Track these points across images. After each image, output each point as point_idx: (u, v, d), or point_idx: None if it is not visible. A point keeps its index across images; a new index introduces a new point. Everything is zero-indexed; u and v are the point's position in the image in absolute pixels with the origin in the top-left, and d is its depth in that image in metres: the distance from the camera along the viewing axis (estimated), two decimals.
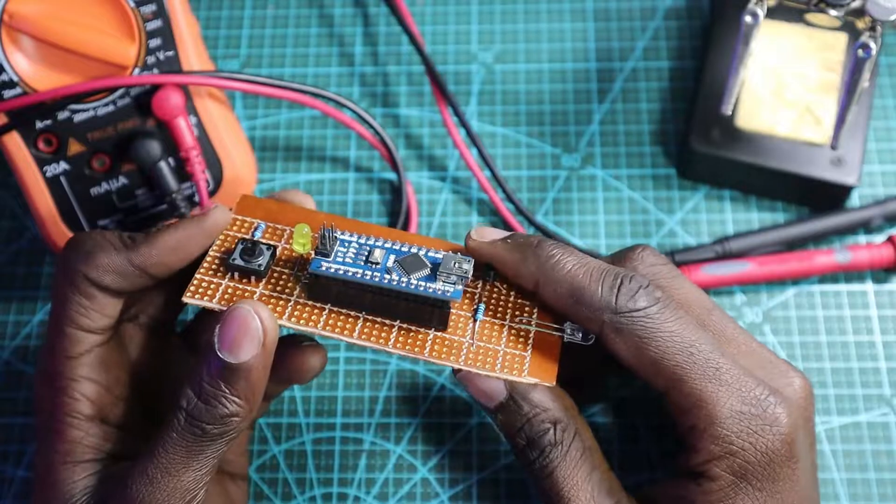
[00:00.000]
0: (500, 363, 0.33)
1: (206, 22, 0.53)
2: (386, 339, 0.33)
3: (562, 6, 0.53)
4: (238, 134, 0.46)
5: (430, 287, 0.32)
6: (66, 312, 0.34)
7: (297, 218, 0.36)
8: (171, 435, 0.31)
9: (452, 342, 0.33)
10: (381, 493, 0.42)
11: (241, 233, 0.35)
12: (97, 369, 0.34)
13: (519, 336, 0.34)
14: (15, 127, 0.41)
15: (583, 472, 0.32)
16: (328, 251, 0.33)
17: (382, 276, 0.32)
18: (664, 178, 0.49)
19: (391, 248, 0.34)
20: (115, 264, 0.33)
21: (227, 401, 0.31)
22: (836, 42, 0.47)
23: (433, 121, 0.51)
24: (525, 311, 0.34)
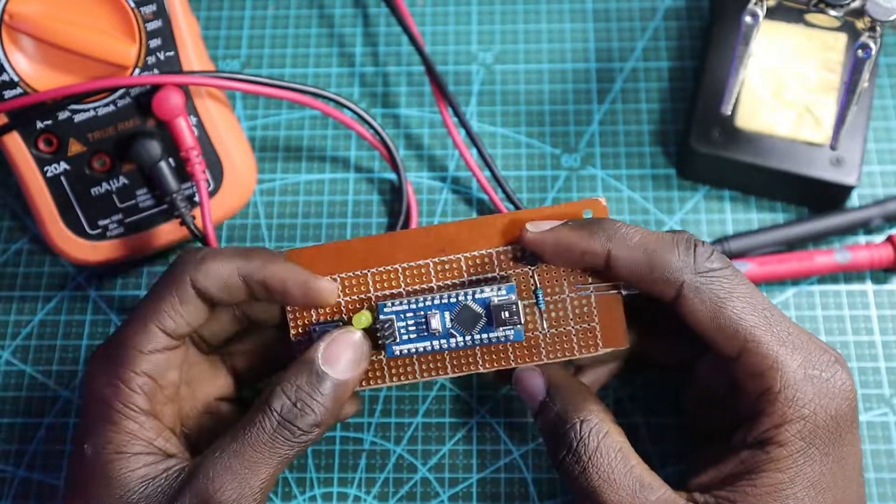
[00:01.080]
0: (576, 343, 0.35)
1: (206, 22, 0.53)
2: (475, 365, 0.36)
3: (562, 6, 0.53)
4: (238, 134, 0.46)
5: (493, 337, 0.35)
6: (158, 309, 0.35)
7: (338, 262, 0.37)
8: (259, 434, 0.33)
9: (529, 340, 0.36)
10: (381, 493, 0.42)
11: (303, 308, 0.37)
12: (160, 369, 0.35)
13: (584, 308, 0.36)
14: (15, 127, 0.41)
15: (620, 463, 0.33)
16: (392, 334, 0.35)
17: (448, 341, 0.35)
18: (664, 178, 0.49)
19: (441, 304, 0.35)
20: (225, 273, 0.35)
21: (319, 409, 0.34)
22: (835, 42, 0.48)
23: (433, 121, 0.51)
24: (579, 279, 0.36)
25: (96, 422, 0.35)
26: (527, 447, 0.43)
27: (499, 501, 0.42)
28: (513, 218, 0.36)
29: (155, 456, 0.34)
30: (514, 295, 0.35)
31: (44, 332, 0.46)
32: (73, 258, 0.44)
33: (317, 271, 0.37)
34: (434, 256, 0.36)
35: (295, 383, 0.34)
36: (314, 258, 0.37)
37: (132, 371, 0.35)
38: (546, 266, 0.36)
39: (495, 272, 0.36)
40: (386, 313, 0.35)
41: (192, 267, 0.35)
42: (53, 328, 0.46)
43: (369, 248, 0.37)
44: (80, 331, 0.46)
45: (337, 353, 0.35)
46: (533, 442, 0.43)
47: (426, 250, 0.36)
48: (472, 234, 0.36)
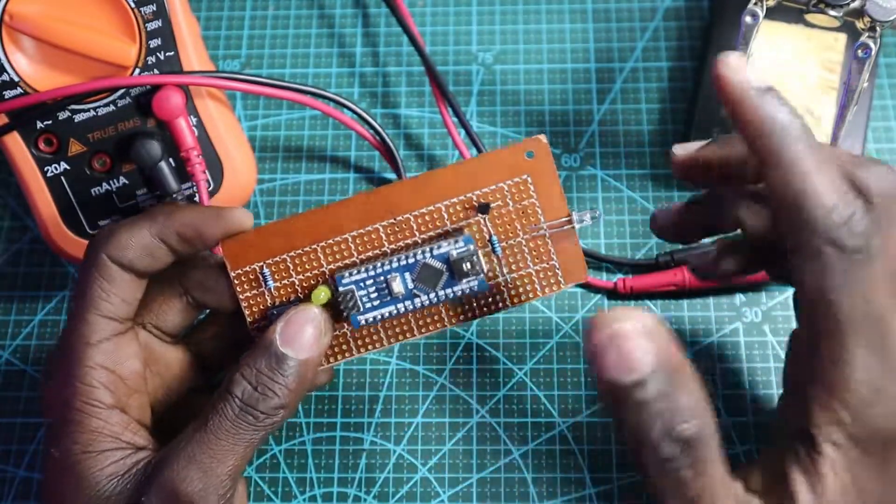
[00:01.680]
0: (539, 285, 0.36)
1: (206, 22, 0.53)
2: (441, 322, 0.36)
3: (561, 7, 0.53)
4: (238, 134, 0.46)
5: (457, 290, 0.34)
6: (88, 297, 0.35)
7: (284, 240, 0.36)
8: (222, 422, 0.33)
9: (493, 288, 0.36)
10: (381, 493, 0.42)
11: (254, 288, 0.36)
12: (114, 357, 0.35)
13: (539, 249, 0.36)
14: (15, 127, 0.41)
15: (723, 468, 0.30)
16: (355, 304, 0.35)
17: (413, 301, 0.35)
18: (664, 178, 0.49)
19: (400, 266, 0.34)
20: (136, 238, 0.35)
21: (281, 392, 0.33)
22: (835, 42, 0.48)
23: (433, 121, 0.51)
24: (530, 214, 0.35)
25: (60, 424, 0.34)
26: (527, 447, 0.43)
27: (499, 501, 0.42)
28: (455, 170, 0.35)
29: (123, 451, 0.34)
30: (472, 245, 0.34)
31: (44, 332, 0.46)
32: (74, 258, 0.44)
33: (261, 255, 0.36)
34: (382, 220, 0.35)
35: (254, 367, 0.33)
36: (255, 242, 0.36)
37: (86, 366, 0.34)
38: (497, 212, 0.35)
39: (447, 226, 0.35)
40: (345, 284, 0.35)
41: (103, 244, 0.35)
42: (53, 328, 0.46)
43: (312, 222, 0.36)
44: None
45: (295, 332, 0.34)
46: (533, 442, 0.43)
47: (372, 215, 0.35)
48: (416, 193, 0.35)
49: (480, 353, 0.45)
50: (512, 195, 0.35)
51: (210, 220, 0.35)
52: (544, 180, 0.35)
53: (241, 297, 0.37)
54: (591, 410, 0.44)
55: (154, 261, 0.35)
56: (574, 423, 0.43)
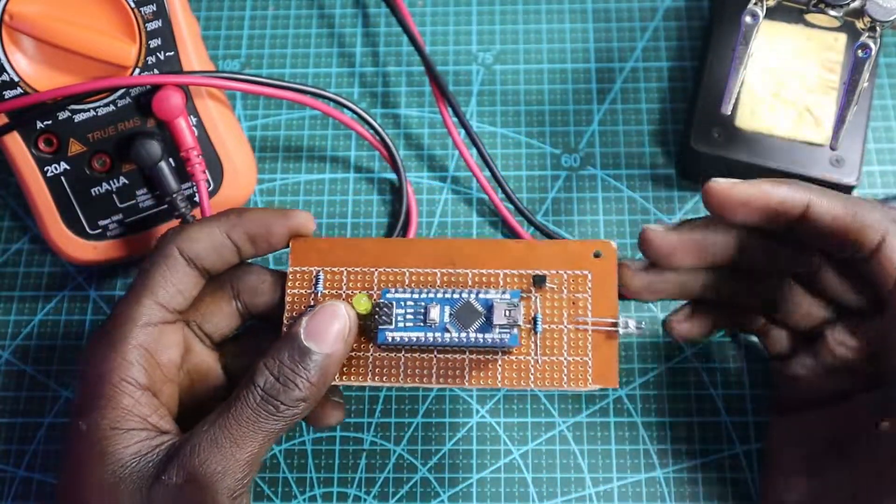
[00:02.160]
0: (566, 377, 0.35)
1: (206, 22, 0.53)
2: (461, 379, 0.36)
3: (561, 7, 0.53)
4: (238, 134, 0.46)
5: (488, 338, 0.34)
6: (148, 282, 0.36)
7: (348, 255, 0.37)
8: (244, 409, 0.33)
9: (520, 364, 0.35)
10: (381, 493, 0.42)
11: (304, 287, 0.37)
12: (157, 343, 0.36)
13: (579, 341, 0.35)
14: (15, 127, 0.41)
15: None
16: (388, 319, 0.35)
17: (443, 335, 0.35)
18: (664, 178, 0.49)
19: (444, 298, 0.35)
20: (206, 234, 0.36)
21: (303, 385, 0.34)
22: (835, 42, 0.48)
23: (433, 121, 0.51)
24: (580, 307, 0.36)
25: (92, 398, 0.35)
26: (527, 447, 0.43)
27: (499, 501, 0.42)
28: (527, 245, 0.37)
29: (149, 432, 0.34)
30: (517, 298, 0.35)
31: (44, 332, 0.46)
32: (73, 258, 0.44)
33: (322, 261, 0.37)
34: (443, 267, 0.37)
35: (278, 358, 0.34)
36: (321, 248, 0.37)
37: (129, 344, 0.35)
38: (549, 296, 0.36)
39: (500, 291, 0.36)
40: (387, 298, 0.35)
41: (176, 237, 0.36)
42: (53, 328, 0.46)
43: (380, 249, 0.37)
44: (80, 331, 0.46)
45: (320, 326, 0.34)
46: (533, 442, 0.43)
47: (436, 260, 0.37)
48: (483, 253, 0.37)
49: None
50: (569, 285, 0.36)
51: (277, 219, 0.37)
52: (603, 282, 0.36)
53: (288, 292, 0.37)
54: (590, 410, 0.44)
55: (219, 259, 0.37)
56: (574, 423, 0.43)
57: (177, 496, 0.33)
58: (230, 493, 0.33)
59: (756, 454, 0.42)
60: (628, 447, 0.43)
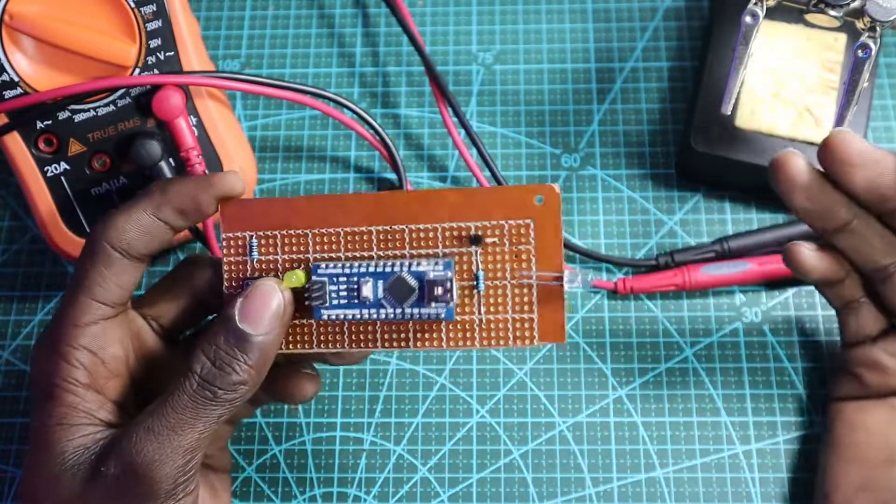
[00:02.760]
0: (511, 334, 0.34)
1: (206, 22, 0.53)
2: (405, 342, 0.35)
3: (561, 6, 0.53)
4: (238, 134, 0.46)
5: (424, 312, 0.33)
6: (82, 280, 0.35)
7: (282, 216, 0.36)
8: (181, 396, 0.33)
9: (465, 324, 0.34)
10: (381, 493, 0.42)
11: (239, 255, 0.36)
12: (99, 341, 0.35)
13: (524, 296, 0.34)
14: (15, 127, 0.41)
15: None
16: (323, 297, 0.34)
17: (377, 311, 0.34)
18: (664, 178, 0.49)
19: (376, 272, 0.34)
20: (133, 220, 0.35)
21: (240, 369, 0.33)
22: (835, 42, 0.48)
23: (433, 121, 0.51)
24: (524, 259, 0.34)
25: (40, 398, 0.35)
26: (527, 447, 0.43)
27: (499, 501, 0.42)
28: (465, 194, 0.35)
29: (95, 427, 0.34)
30: (450, 272, 0.33)
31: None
32: (73, 258, 0.44)
33: (255, 225, 0.36)
34: (377, 225, 0.35)
35: (214, 343, 0.33)
36: (256, 210, 0.36)
37: (69, 346, 0.35)
38: (491, 249, 0.34)
39: (438, 249, 0.35)
40: (319, 275, 0.34)
41: (101, 230, 0.35)
42: None
43: (314, 206, 0.36)
44: None
45: (254, 308, 0.33)
46: (533, 442, 0.43)
47: (371, 217, 0.35)
48: (420, 206, 0.35)
49: (480, 353, 0.45)
50: (510, 236, 0.34)
51: (203, 187, 0.35)
52: (547, 230, 0.34)
53: (224, 260, 0.36)
54: (590, 410, 0.44)
55: (152, 240, 0.36)
56: (574, 423, 0.43)
57: (114, 486, 0.33)
58: (170, 480, 0.33)
59: (756, 454, 0.42)
60: (628, 447, 0.43)
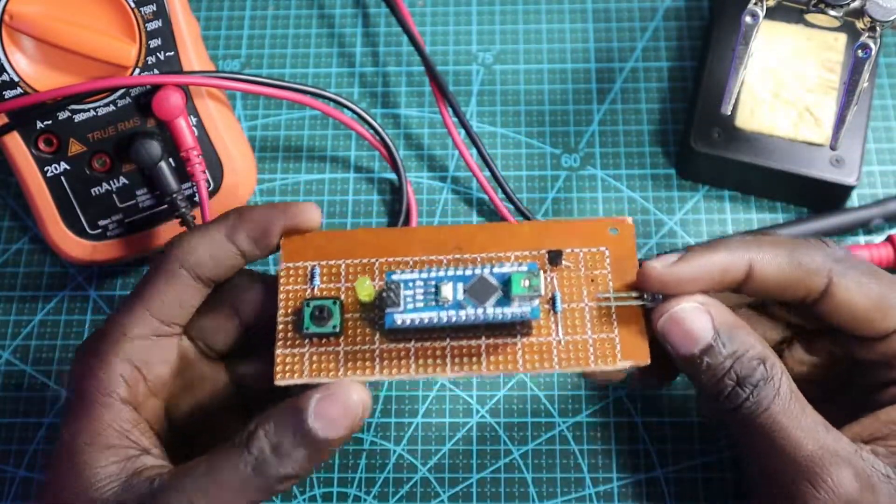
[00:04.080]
0: (592, 354, 0.33)
1: (206, 22, 0.53)
2: (478, 366, 0.33)
3: (562, 6, 0.53)
4: (238, 134, 0.46)
5: (508, 312, 0.32)
6: (144, 293, 0.34)
7: (346, 248, 0.35)
8: (231, 472, 0.31)
9: (541, 346, 0.33)
10: (381, 493, 0.42)
11: (299, 283, 0.35)
12: (145, 356, 0.34)
13: (602, 317, 0.33)
14: (15, 127, 0.41)
15: (798, 404, 0.32)
16: (396, 301, 0.32)
17: (457, 313, 0.32)
18: (664, 178, 0.49)
19: (455, 275, 0.32)
20: (207, 240, 0.35)
21: (295, 466, 0.31)
22: (835, 42, 0.48)
23: (433, 121, 0.51)
24: (600, 283, 0.34)
25: (76, 405, 0.34)
26: (527, 447, 0.43)
27: (499, 501, 0.42)
28: (539, 226, 0.35)
29: (126, 450, 0.33)
30: (536, 268, 0.32)
31: (44, 332, 0.46)
32: (73, 258, 0.44)
33: (318, 255, 0.35)
34: (448, 254, 0.34)
35: (279, 428, 0.31)
36: (318, 243, 0.35)
37: (114, 356, 0.34)
38: (567, 275, 0.34)
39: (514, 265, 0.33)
40: (394, 280, 0.32)
41: (177, 248, 0.35)
42: (53, 328, 0.46)
43: (380, 238, 0.35)
44: (80, 331, 0.46)
45: (332, 410, 0.31)
46: (533, 442, 0.43)
47: (440, 247, 0.34)
48: (491, 237, 0.34)
49: None
50: (586, 262, 0.34)
51: (277, 215, 0.35)
52: (623, 257, 0.34)
53: (282, 289, 0.35)
54: (590, 410, 0.43)
55: (221, 266, 0.35)
56: (574, 423, 0.43)
57: None
58: None
59: None
60: (628, 447, 0.43)
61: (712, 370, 0.32)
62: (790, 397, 0.32)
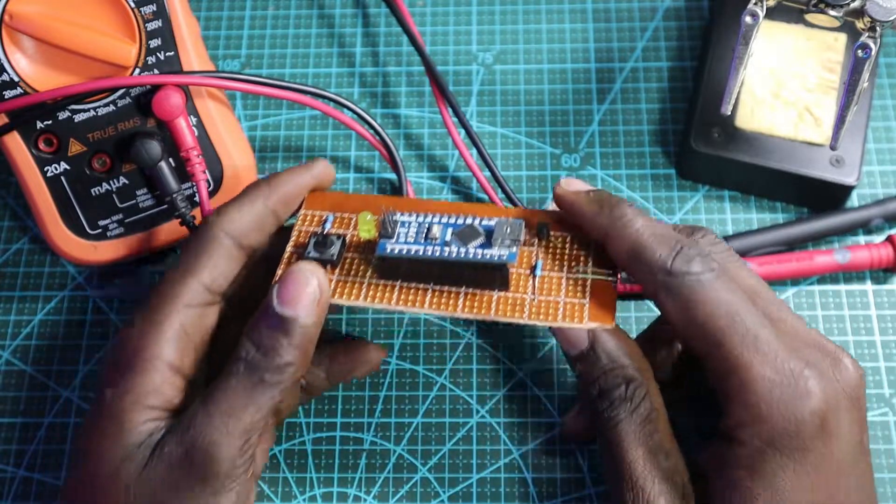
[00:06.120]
0: (562, 313, 0.35)
1: (206, 22, 0.53)
2: (454, 306, 0.36)
3: (561, 6, 0.53)
4: (238, 134, 0.46)
5: (487, 253, 0.35)
6: (193, 262, 0.36)
7: (361, 205, 0.38)
8: (230, 382, 0.34)
9: (516, 300, 0.36)
10: (381, 493, 0.42)
11: (313, 226, 0.38)
12: (196, 326, 0.36)
13: (577, 287, 0.36)
14: (15, 127, 0.41)
15: (645, 430, 0.34)
16: (391, 234, 0.36)
17: (442, 249, 0.35)
18: (664, 178, 0.49)
19: (448, 222, 0.36)
20: (247, 209, 0.37)
21: (284, 351, 0.34)
22: (835, 42, 0.48)
23: (433, 121, 0.51)
24: (581, 261, 0.36)
25: (124, 369, 0.35)
26: (527, 447, 0.43)
27: (499, 501, 0.42)
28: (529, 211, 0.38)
29: (165, 411, 0.35)
30: (521, 229, 0.35)
31: (44, 332, 0.46)
32: (73, 258, 0.44)
33: (334, 207, 0.39)
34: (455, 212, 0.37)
35: (257, 328, 0.34)
36: (338, 199, 0.39)
37: (169, 323, 0.35)
38: (551, 250, 0.37)
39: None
40: (392, 218, 0.36)
41: (220, 218, 0.37)
42: (53, 328, 0.46)
43: (391, 202, 0.38)
44: (80, 331, 0.46)
45: (292, 292, 0.34)
46: (533, 442, 0.43)
47: (445, 211, 0.37)
48: (490, 211, 0.38)
49: (480, 353, 0.45)
50: (571, 244, 0.37)
51: (304, 176, 0.39)
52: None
53: (295, 228, 0.38)
54: None
55: (261, 231, 0.38)
56: None
57: (177, 466, 0.33)
58: (228, 461, 0.34)
59: None
60: None
61: (585, 374, 0.35)
62: (642, 422, 0.34)
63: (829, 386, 0.32)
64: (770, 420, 0.32)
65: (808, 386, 0.32)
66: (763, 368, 0.32)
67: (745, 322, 0.33)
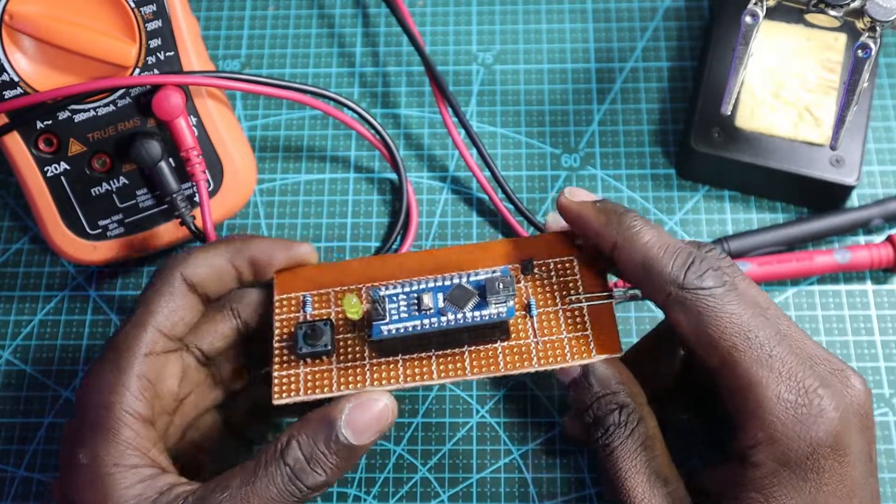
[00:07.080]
0: (569, 351, 0.35)
1: (206, 22, 0.53)
2: (462, 370, 0.35)
3: (561, 6, 0.53)
4: (238, 134, 0.46)
5: (486, 314, 0.34)
6: (151, 308, 0.36)
7: (336, 277, 0.37)
8: (268, 486, 0.32)
9: (521, 348, 0.35)
10: (381, 493, 0.42)
11: (292, 312, 0.37)
12: (159, 373, 0.35)
13: (576, 317, 0.36)
14: (15, 127, 0.41)
15: (642, 456, 0.34)
16: (382, 315, 0.35)
17: (439, 319, 0.34)
18: (664, 178, 0.49)
19: (436, 286, 0.35)
20: (210, 260, 0.37)
21: (330, 472, 0.33)
22: (835, 42, 0.48)
23: (433, 121, 0.51)
24: (571, 287, 0.36)
25: (93, 428, 0.34)
26: (527, 447, 0.43)
27: (499, 501, 0.42)
28: (510, 242, 0.37)
29: (150, 469, 0.33)
30: (508, 273, 0.35)
31: (44, 332, 0.46)
32: (73, 258, 0.44)
33: (309, 286, 0.37)
34: (431, 276, 0.36)
35: (312, 438, 0.33)
36: (309, 274, 0.38)
37: (135, 375, 0.34)
38: (539, 282, 0.36)
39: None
40: (379, 294, 0.35)
41: (180, 263, 0.36)
42: (53, 328, 0.46)
43: (367, 265, 0.37)
44: (80, 331, 0.46)
45: (361, 418, 0.33)
46: (533, 442, 0.43)
47: (423, 272, 0.37)
48: (469, 257, 0.37)
49: None
50: (556, 270, 0.37)
51: (280, 249, 0.37)
52: (590, 262, 0.37)
53: (276, 319, 0.37)
54: None
55: (220, 285, 0.37)
56: None
57: None
58: None
59: None
60: None
61: (578, 402, 0.35)
62: (638, 447, 0.34)
63: (842, 403, 0.32)
64: (786, 440, 0.32)
65: (822, 405, 0.32)
66: (778, 387, 0.32)
67: (758, 339, 0.33)
